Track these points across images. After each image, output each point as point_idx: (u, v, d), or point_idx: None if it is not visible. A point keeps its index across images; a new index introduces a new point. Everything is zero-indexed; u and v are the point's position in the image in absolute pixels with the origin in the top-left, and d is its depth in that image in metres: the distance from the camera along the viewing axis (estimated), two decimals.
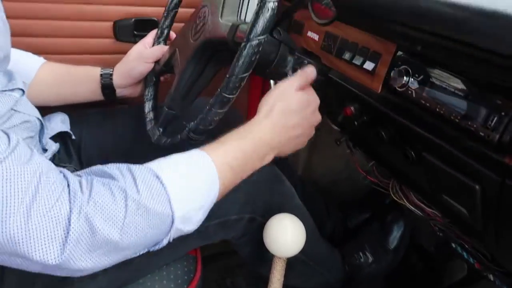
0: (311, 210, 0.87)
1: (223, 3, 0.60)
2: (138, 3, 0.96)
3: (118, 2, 0.94)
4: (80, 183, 0.43)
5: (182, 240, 0.59)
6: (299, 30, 0.81)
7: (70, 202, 0.40)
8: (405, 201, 0.75)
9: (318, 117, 0.62)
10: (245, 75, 0.49)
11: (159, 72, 0.81)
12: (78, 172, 0.47)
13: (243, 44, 0.48)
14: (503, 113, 0.43)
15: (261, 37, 0.48)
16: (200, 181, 0.49)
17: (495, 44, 0.38)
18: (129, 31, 0.97)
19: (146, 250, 0.49)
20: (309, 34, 0.78)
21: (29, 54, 0.82)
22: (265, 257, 0.70)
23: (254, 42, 0.48)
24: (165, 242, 0.49)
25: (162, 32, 0.83)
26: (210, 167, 0.50)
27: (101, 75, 0.81)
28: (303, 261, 0.81)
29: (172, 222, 0.46)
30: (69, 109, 0.84)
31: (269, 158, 0.57)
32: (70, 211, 0.40)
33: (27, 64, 0.79)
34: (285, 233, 0.59)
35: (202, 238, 0.67)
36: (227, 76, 0.50)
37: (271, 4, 0.47)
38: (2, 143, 0.39)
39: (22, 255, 0.39)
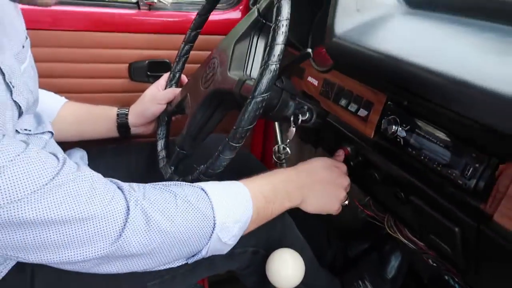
0: (313, 239, 0.91)
1: (231, 58, 0.67)
2: (151, 47, 1.04)
3: (133, 46, 1.03)
4: (130, 186, 0.52)
5: (192, 270, 0.64)
6: (301, 74, 0.88)
7: (126, 198, 0.49)
8: (399, 235, 0.80)
9: (346, 180, 0.71)
10: (250, 126, 0.56)
11: (171, 113, 0.88)
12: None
13: (248, 100, 0.55)
14: (477, 165, 0.49)
15: (265, 94, 0.54)
16: (236, 200, 0.57)
17: (464, 109, 0.45)
18: (143, 72, 1.06)
19: (185, 261, 0.56)
20: (309, 79, 0.85)
21: (52, 94, 0.89)
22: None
23: (258, 99, 0.54)
24: (203, 253, 0.56)
25: (174, 76, 0.91)
26: (244, 191, 0.59)
27: (117, 114, 0.88)
28: None
29: (214, 226, 0.54)
30: (85, 144, 0.90)
31: (295, 197, 0.65)
32: (127, 204, 0.48)
33: (50, 104, 0.86)
34: (285, 267, 0.64)
35: (209, 269, 0.73)
36: (234, 127, 0.56)
37: (273, 66, 0.54)
38: (52, 161, 0.47)
39: (82, 244, 0.46)
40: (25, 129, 0.64)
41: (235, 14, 1.09)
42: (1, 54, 0.55)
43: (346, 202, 0.72)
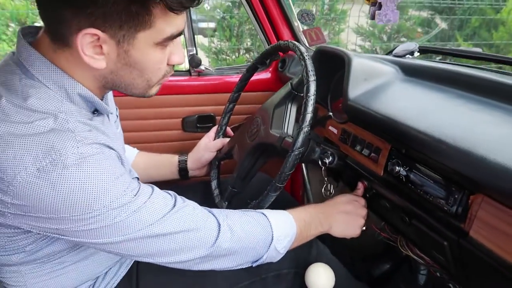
0: (340, 261, 1.10)
1: (272, 119, 0.90)
2: (199, 104, 1.29)
3: (186, 104, 1.28)
4: (216, 211, 0.75)
5: None
6: (323, 124, 1.09)
7: (216, 217, 0.72)
8: (410, 252, 0.98)
9: (364, 211, 0.92)
10: (291, 171, 0.77)
11: (220, 158, 1.11)
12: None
13: (289, 153, 0.76)
14: (456, 196, 0.68)
15: (301, 148, 0.76)
16: (286, 222, 0.80)
17: (442, 159, 0.65)
18: (193, 124, 1.30)
19: (250, 264, 0.77)
20: (330, 128, 1.06)
21: (127, 146, 1.13)
22: None
23: (296, 152, 0.76)
24: (264, 257, 0.77)
25: (221, 129, 1.14)
26: (290, 216, 0.81)
27: (179, 161, 1.11)
28: None
29: (272, 238, 0.76)
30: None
31: (326, 224, 0.87)
32: (218, 221, 0.71)
33: (127, 154, 1.10)
34: (319, 276, 0.84)
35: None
36: (279, 172, 0.77)
37: (306, 129, 0.76)
38: (169, 196, 0.70)
39: (193, 248, 0.69)
40: None
41: (266, 75, 1.34)
42: (110, 125, 0.79)
43: (364, 228, 0.92)
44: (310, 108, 0.76)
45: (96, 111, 0.72)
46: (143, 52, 0.63)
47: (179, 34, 0.65)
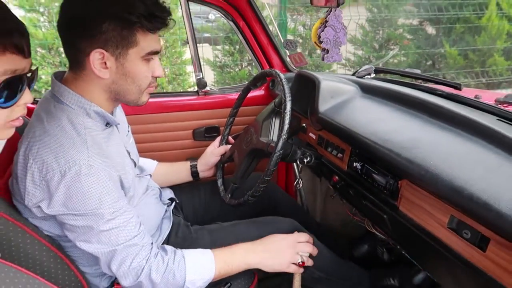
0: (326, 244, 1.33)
1: (261, 129, 1.18)
2: (206, 118, 1.57)
3: (195, 118, 1.56)
4: (152, 254, 0.92)
5: None
6: (304, 131, 1.37)
7: (146, 261, 0.90)
8: (375, 231, 1.24)
9: (300, 247, 1.05)
10: (275, 168, 1.05)
11: (224, 162, 1.39)
12: (154, 248, 0.94)
13: (272, 155, 1.04)
14: (391, 181, 0.95)
15: (280, 151, 1.04)
16: (204, 266, 0.96)
17: (376, 155, 0.92)
18: (202, 134, 1.58)
19: None
20: (310, 134, 1.34)
21: (150, 160, 1.39)
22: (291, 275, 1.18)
23: (277, 154, 1.04)
24: None
25: (224, 138, 1.42)
26: (210, 259, 0.97)
27: (191, 166, 1.39)
28: (327, 279, 1.23)
29: (184, 282, 0.93)
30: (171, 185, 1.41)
31: (251, 262, 1.01)
32: (142, 269, 0.89)
33: (150, 166, 1.36)
34: None
35: None
36: (266, 169, 1.05)
37: (284, 136, 1.03)
38: (134, 225, 0.91)
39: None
40: (137, 174, 1.15)
41: (260, 92, 1.62)
42: (118, 136, 1.06)
43: (299, 262, 1.05)
44: (287, 121, 1.04)
45: (108, 124, 0.97)
46: (134, 64, 0.88)
47: (157, 52, 0.92)
